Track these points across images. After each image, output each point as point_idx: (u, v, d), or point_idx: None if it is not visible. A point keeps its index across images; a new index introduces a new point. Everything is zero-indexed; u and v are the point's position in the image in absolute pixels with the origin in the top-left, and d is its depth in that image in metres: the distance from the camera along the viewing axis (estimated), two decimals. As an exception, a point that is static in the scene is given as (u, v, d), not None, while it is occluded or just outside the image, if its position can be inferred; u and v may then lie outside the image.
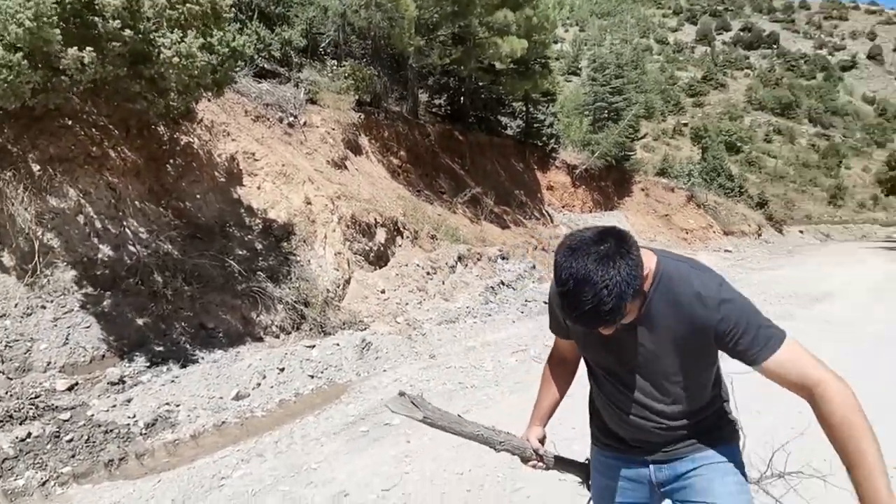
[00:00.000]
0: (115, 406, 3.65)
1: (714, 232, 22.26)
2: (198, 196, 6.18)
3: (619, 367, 1.28)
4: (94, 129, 5.24)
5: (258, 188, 6.86)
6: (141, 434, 3.54)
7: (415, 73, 13.13)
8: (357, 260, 7.38)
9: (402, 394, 1.37)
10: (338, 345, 5.39)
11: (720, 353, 1.20)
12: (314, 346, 5.26)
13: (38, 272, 4.19)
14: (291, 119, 8.38)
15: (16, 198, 4.24)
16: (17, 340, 3.78)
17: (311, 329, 5.72)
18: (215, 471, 3.00)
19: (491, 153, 16.33)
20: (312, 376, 4.81)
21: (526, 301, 8.62)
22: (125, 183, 5.21)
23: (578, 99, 29.42)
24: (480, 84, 15.28)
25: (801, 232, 36.16)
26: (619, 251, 1.03)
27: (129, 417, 3.60)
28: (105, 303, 4.39)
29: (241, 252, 5.91)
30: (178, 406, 3.88)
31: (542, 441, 1.47)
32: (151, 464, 3.24)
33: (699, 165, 33.64)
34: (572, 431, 2.73)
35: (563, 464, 1.53)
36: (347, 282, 6.89)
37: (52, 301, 4.13)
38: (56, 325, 4.05)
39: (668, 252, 1.24)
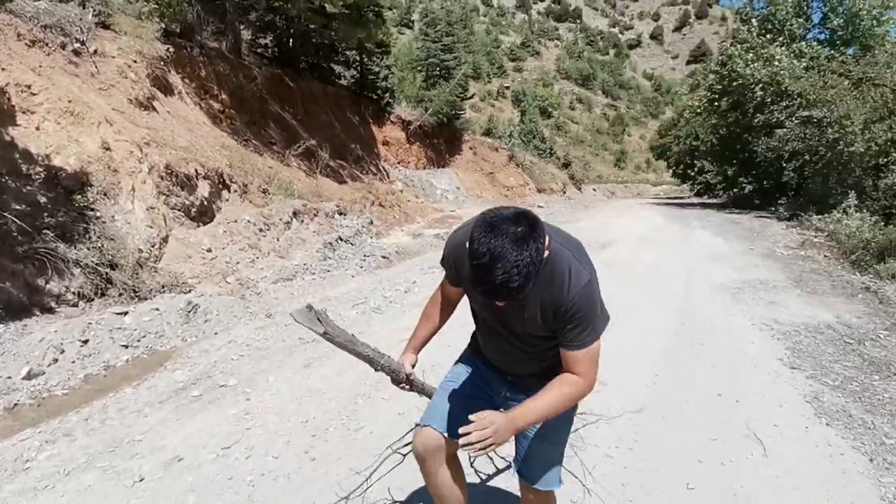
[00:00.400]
0: None
1: (529, 189, 24.87)
2: (-54, 136, 4.85)
3: (499, 325, 1.45)
4: None
5: (37, 129, 5.62)
6: None
7: (234, 4, 11.75)
8: (176, 216, 6.62)
9: (309, 307, 1.43)
10: (157, 309, 4.86)
11: None
12: (126, 313, 4.66)
13: None
14: (77, 45, 6.90)
15: None
16: None
17: (120, 295, 5.05)
18: (16, 454, 2.58)
19: (325, 103, 15.65)
20: (126, 346, 4.30)
21: (365, 256, 8.73)
22: None
23: (412, 54, 29.53)
24: (311, 27, 14.35)
25: (595, 190, 42.49)
26: (532, 235, 1.13)
27: None
28: None
29: (18, 206, 4.85)
30: (-55, 394, 3.17)
31: (413, 366, 1.63)
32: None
33: (518, 127, 36.84)
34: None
35: (424, 391, 1.72)
36: (165, 240, 6.17)
37: None
38: None
39: (556, 232, 1.38)
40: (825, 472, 2.36)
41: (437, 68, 24.78)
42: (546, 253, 1.21)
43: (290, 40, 15.10)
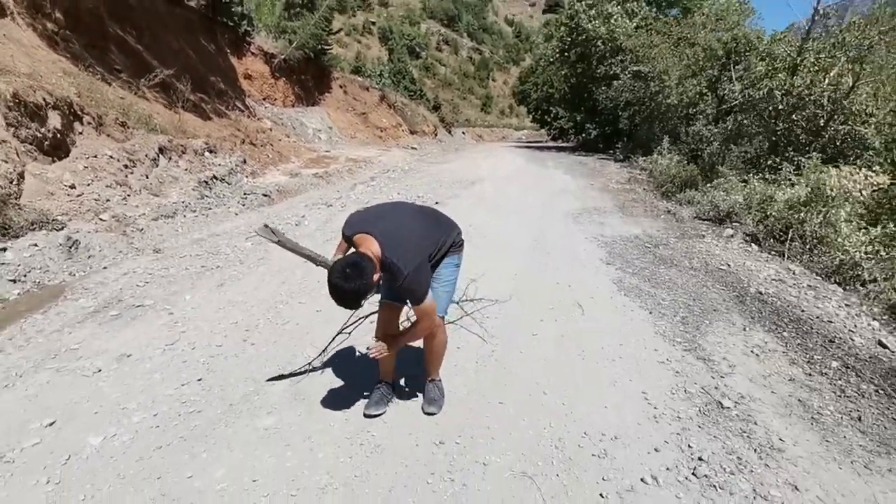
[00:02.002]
0: None
1: (403, 131, 25.23)
2: None
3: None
4: None
5: None
6: None
7: None
8: (28, 150, 6.03)
9: (265, 226, 1.96)
10: (36, 245, 4.69)
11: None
12: (5, 249, 4.46)
13: None
14: None
15: None
16: None
17: (-16, 233, 4.73)
18: (-56, 376, 2.71)
19: (174, 27, 14.15)
20: (14, 280, 4.20)
21: (245, 194, 8.70)
22: None
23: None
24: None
25: (464, 133, 44.07)
26: (357, 277, 1.83)
27: None
28: None
29: None
30: None
31: None
32: None
33: (388, 66, 36.31)
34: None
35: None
36: (21, 176, 5.68)
37: None
38: None
39: (391, 248, 1.98)
40: (620, 321, 3.55)
41: (300, -3, 23.23)
42: (377, 254, 1.95)
43: (126, -50, 13.17)
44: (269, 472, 1.91)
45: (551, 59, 29.47)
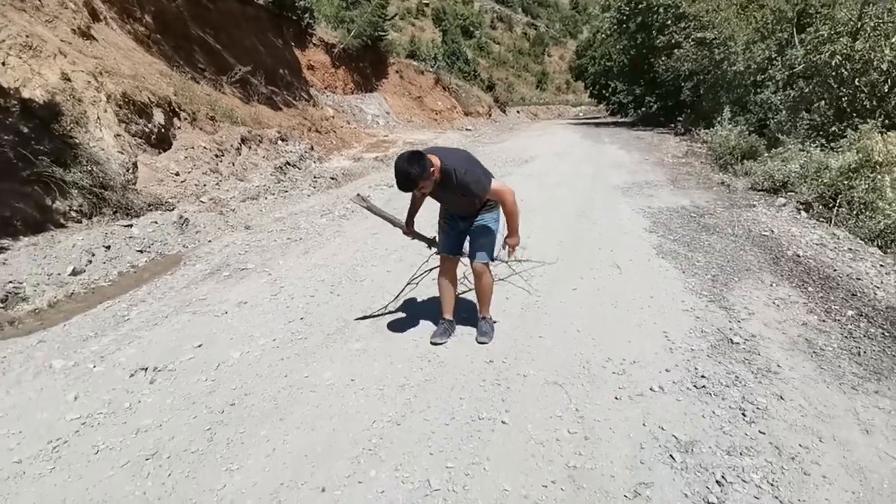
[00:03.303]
0: (-48, 291, 3.63)
1: (457, 112, 25.64)
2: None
3: (447, 204, 2.86)
4: None
5: (3, 64, 5.87)
6: (0, 307, 3.70)
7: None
8: (138, 143, 7.11)
9: (358, 194, 2.59)
10: (155, 223, 5.67)
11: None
12: (132, 226, 5.45)
13: None
14: (9, -27, 6.78)
15: None
16: None
17: (115, 212, 5.75)
18: (110, 315, 3.58)
19: (246, 26, 15.27)
20: (141, 251, 5.16)
21: (315, 178, 9.56)
22: None
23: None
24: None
25: (518, 112, 43.73)
26: (416, 163, 2.40)
27: (-26, 298, 3.66)
28: None
29: (7, 136, 5.30)
30: (21, 283, 4.01)
31: (411, 226, 3.00)
32: (30, 326, 3.56)
33: (442, 48, 36.61)
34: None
35: (421, 236, 3.04)
36: (135, 165, 6.73)
37: None
38: None
39: (447, 156, 2.62)
40: (654, 278, 3.95)
41: (357, -14, 24.03)
42: (436, 167, 2.51)
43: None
44: (362, 375, 2.57)
45: (609, 31, 28.67)
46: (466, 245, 2.96)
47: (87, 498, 1.81)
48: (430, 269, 3.45)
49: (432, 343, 2.89)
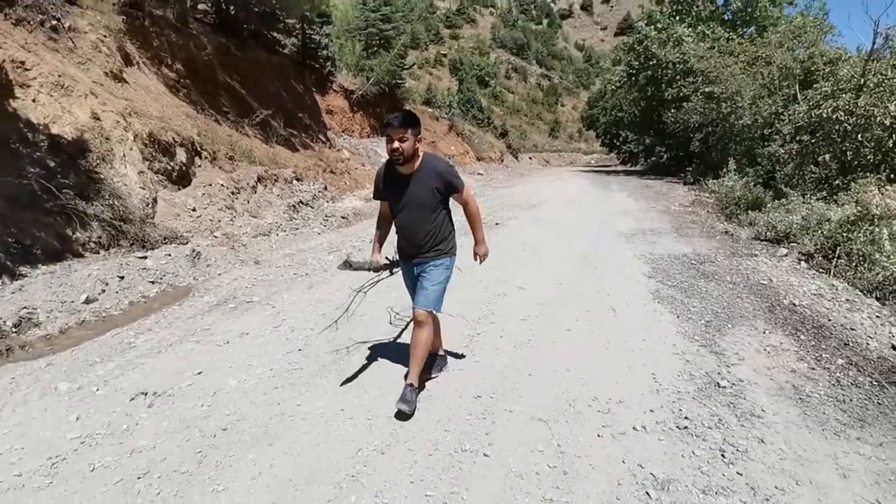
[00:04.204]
0: (-29, 313, 3.81)
1: (470, 157, 26.28)
2: (-38, 108, 5.50)
3: (409, 199, 2.65)
4: None
5: (33, 101, 6.29)
6: (13, 331, 3.85)
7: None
8: (160, 179, 7.45)
9: (344, 261, 2.68)
10: (169, 255, 5.89)
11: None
12: (146, 257, 5.67)
13: None
14: (54, 23, 7.38)
15: None
16: None
17: (131, 244, 5.99)
18: (117, 342, 3.72)
19: (271, 73, 16.07)
20: (153, 282, 5.35)
21: (326, 216, 9.85)
22: None
23: (350, 21, 29.61)
24: (253, -6, 14.64)
25: (531, 158, 44.63)
26: (408, 114, 2.53)
27: (-8, 321, 3.83)
28: None
29: (33, 170, 5.63)
30: (35, 309, 4.18)
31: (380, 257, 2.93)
32: (40, 350, 3.70)
33: (457, 96, 37.91)
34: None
35: (387, 267, 2.96)
36: (155, 201, 7.04)
37: None
38: None
39: (428, 152, 2.72)
40: (647, 322, 4.00)
41: (377, 38, 25.24)
42: (420, 155, 2.60)
43: (230, 7, 15.30)
44: (352, 405, 2.64)
45: (619, 84, 29.58)
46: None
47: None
48: (379, 280, 3.31)
49: (400, 411, 2.58)
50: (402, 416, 2.53)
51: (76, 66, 7.35)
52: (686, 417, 2.50)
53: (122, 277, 5.13)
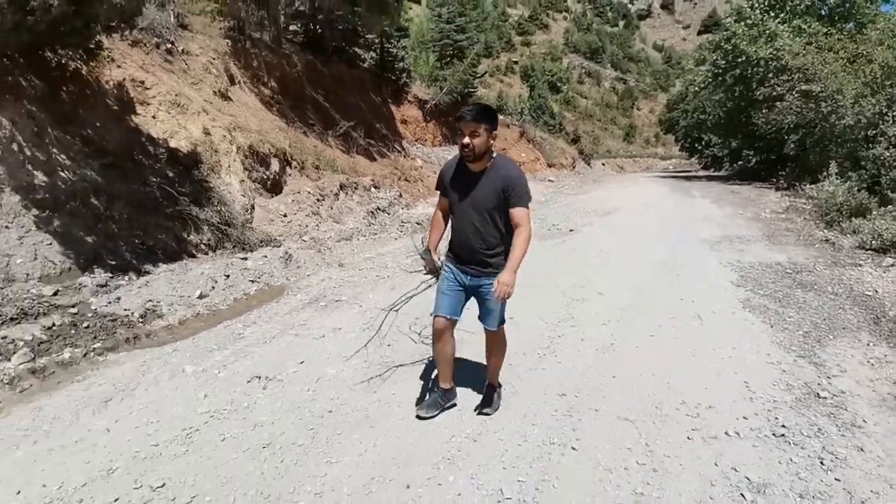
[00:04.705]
0: (109, 303, 4.42)
1: (541, 164, 26.08)
2: (98, 125, 6.34)
3: (468, 199, 2.45)
4: (2, 59, 5.18)
5: (153, 117, 7.11)
6: (139, 321, 4.42)
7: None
8: (256, 188, 8.13)
9: (422, 247, 2.75)
10: (265, 257, 6.43)
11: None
12: (247, 259, 6.24)
13: (-14, 197, 4.48)
14: (169, 45, 8.33)
15: (-50, 125, 4.37)
16: (-5, 257, 4.21)
17: (234, 247, 6.59)
18: (229, 333, 4.15)
19: (352, 86, 16.93)
20: (253, 281, 5.87)
21: (402, 223, 10.24)
22: (40, 111, 5.34)
23: (424, 34, 30.48)
24: (338, 13, 15.52)
25: (604, 164, 43.39)
26: (487, 108, 2.41)
27: (124, 310, 4.43)
28: (56, 223, 4.84)
29: (154, 179, 6.37)
30: (158, 302, 4.76)
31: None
32: (164, 338, 4.22)
33: (528, 103, 37.73)
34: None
35: (435, 273, 2.81)
36: (253, 207, 7.70)
37: (12, 222, 4.50)
38: (22, 243, 4.48)
39: (505, 156, 2.52)
40: (738, 330, 3.86)
41: (451, 48, 25.79)
42: (495, 155, 2.43)
43: (318, 27, 16.33)
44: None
45: (703, 84, 28.12)
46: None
47: (215, 474, 2.19)
48: (413, 295, 3.33)
49: (418, 417, 2.61)
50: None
51: (189, 86, 8.23)
52: (783, 426, 2.43)
53: (227, 276, 5.68)
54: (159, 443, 2.52)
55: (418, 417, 2.58)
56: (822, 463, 2.13)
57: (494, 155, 2.45)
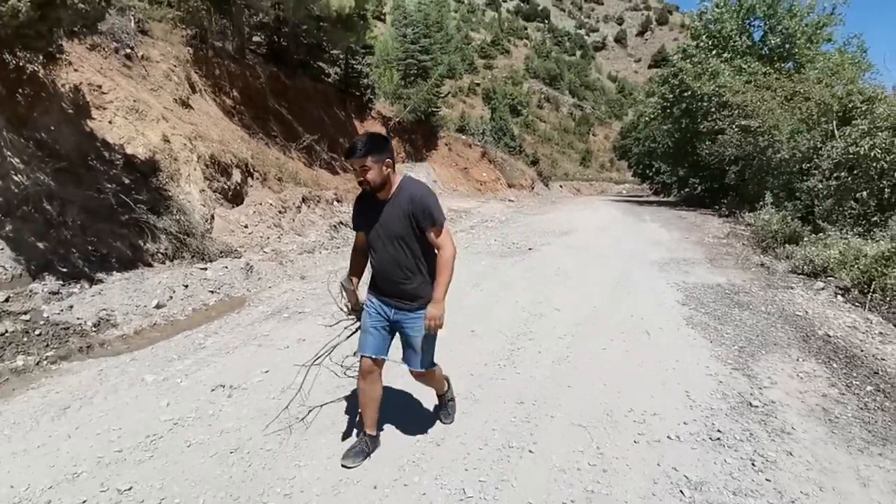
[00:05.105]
0: (62, 311, 4.28)
1: (501, 184, 26.68)
2: (52, 128, 6.16)
3: (383, 230, 2.29)
4: None
5: (110, 122, 6.96)
6: (92, 330, 4.30)
7: (239, 8, 12.96)
8: (217, 198, 8.02)
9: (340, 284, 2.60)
10: (226, 268, 6.35)
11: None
12: (207, 269, 6.14)
13: (-72, 198, 4.28)
14: (128, 51, 8.17)
15: None
16: (-64, 261, 4.02)
17: (193, 256, 6.48)
18: (189, 342, 4.11)
19: (316, 100, 16.95)
20: (213, 292, 5.80)
21: (365, 236, 10.28)
22: (-7, 112, 5.16)
23: (389, 52, 30.87)
24: (303, 27, 15.59)
25: (561, 187, 44.78)
26: (379, 138, 2.25)
27: (77, 319, 4.30)
28: (7, 227, 4.66)
29: (110, 185, 6.22)
30: (113, 311, 4.64)
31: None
32: (119, 348, 4.12)
33: (490, 124, 38.66)
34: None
35: (356, 315, 2.63)
36: (212, 217, 7.58)
37: (-43, 225, 4.31)
38: (-32, 248, 4.29)
39: (409, 177, 2.36)
40: (681, 345, 4.16)
41: (415, 68, 26.25)
42: (398, 181, 2.28)
43: (282, 39, 16.33)
44: (405, 404, 2.92)
45: (653, 115, 29.69)
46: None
47: (184, 478, 2.21)
48: (336, 345, 3.02)
49: (343, 466, 2.33)
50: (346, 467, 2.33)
51: (148, 93, 8.08)
52: (719, 431, 2.68)
53: (186, 286, 5.59)
54: (123, 449, 2.50)
55: (344, 467, 2.32)
56: (753, 464, 2.37)
57: (400, 179, 2.33)
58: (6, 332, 3.77)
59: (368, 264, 2.52)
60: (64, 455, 2.33)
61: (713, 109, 21.63)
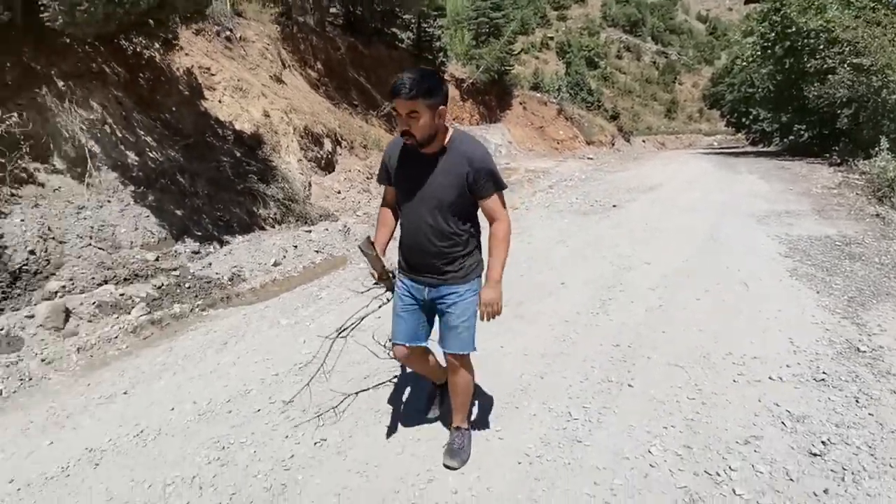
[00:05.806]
0: (203, 268, 4.98)
1: (579, 142, 25.83)
2: (173, 109, 6.91)
3: (419, 191, 1.87)
4: (86, 46, 5.75)
5: (220, 101, 7.65)
6: (228, 284, 4.97)
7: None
8: (312, 167, 8.63)
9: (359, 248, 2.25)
10: (326, 230, 6.92)
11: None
12: (311, 231, 6.74)
13: (90, 174, 5.07)
14: (228, 33, 8.84)
15: (61, 110, 4.95)
16: (103, 226, 4.80)
17: (297, 220, 7.10)
18: (307, 294, 4.64)
19: (391, 67, 17.21)
20: (318, 251, 6.37)
21: (447, 198, 10.58)
22: (125, 96, 5.91)
23: (460, 12, 30.27)
24: (377, -7, 15.77)
25: (644, 141, 42.33)
26: (430, 74, 1.75)
27: (216, 274, 4.99)
28: (150, 198, 5.41)
29: (225, 159, 6.92)
30: (242, 268, 5.30)
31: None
32: (250, 298, 4.75)
33: (565, 80, 37.08)
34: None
35: (387, 283, 2.21)
36: (310, 185, 8.20)
37: (113, 196, 5.09)
38: (123, 215, 5.06)
39: (460, 129, 2.02)
40: (784, 295, 4.07)
41: (487, 26, 25.63)
42: (451, 133, 1.87)
43: (357, 8, 16.63)
44: (511, 345, 3.20)
45: (751, 57, 26.97)
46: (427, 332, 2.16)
47: (332, 394, 2.65)
48: (365, 315, 2.80)
49: (446, 466, 2.11)
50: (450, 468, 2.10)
51: (248, 71, 8.73)
52: (824, 373, 2.69)
53: (295, 247, 6.20)
54: (279, 373, 3.01)
55: (447, 468, 2.11)
56: (857, 401, 2.39)
57: (451, 131, 1.90)
58: (163, 285, 4.49)
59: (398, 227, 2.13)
60: (234, 377, 2.86)
61: (821, 47, 19.32)
